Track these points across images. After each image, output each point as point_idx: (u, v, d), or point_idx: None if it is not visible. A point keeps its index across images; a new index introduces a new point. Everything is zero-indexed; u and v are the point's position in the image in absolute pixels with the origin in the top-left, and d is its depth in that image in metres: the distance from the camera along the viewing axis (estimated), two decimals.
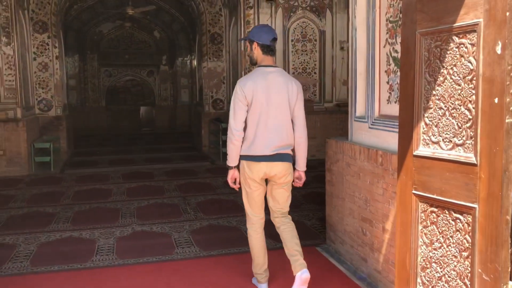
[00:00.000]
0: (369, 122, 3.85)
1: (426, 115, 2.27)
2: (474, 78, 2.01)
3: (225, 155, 3.71)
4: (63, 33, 15.91)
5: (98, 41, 16.88)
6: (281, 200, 3.43)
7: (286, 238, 3.40)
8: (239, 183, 3.43)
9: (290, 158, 3.42)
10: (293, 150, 3.49)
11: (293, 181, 3.51)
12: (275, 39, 3.32)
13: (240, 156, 3.36)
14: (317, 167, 8.95)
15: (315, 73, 9.88)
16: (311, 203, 6.19)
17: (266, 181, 3.42)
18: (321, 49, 9.86)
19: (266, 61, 3.33)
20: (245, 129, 3.29)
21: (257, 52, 3.37)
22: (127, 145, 13.00)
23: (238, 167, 3.42)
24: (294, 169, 3.51)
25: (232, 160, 3.39)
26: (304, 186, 3.67)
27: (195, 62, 16.30)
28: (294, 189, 3.55)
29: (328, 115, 9.83)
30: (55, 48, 10.08)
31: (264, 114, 3.24)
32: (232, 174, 3.43)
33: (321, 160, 9.59)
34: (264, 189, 3.42)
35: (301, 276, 3.24)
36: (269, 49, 3.32)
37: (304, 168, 3.58)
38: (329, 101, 10.00)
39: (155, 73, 17.57)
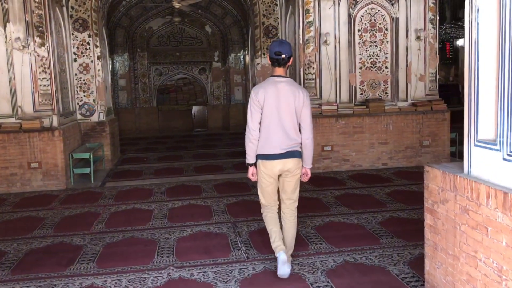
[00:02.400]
0: (504, 150, 2.53)
1: None
2: None
3: None
4: (111, 31, 15.37)
5: (148, 38, 16.16)
6: (289, 190, 3.98)
7: (285, 226, 4.05)
8: (256, 177, 3.97)
9: (299, 154, 3.91)
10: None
11: (301, 176, 4.01)
12: (279, 52, 3.77)
13: (256, 155, 3.90)
14: (391, 180, 7.62)
15: (386, 67, 8.49)
16: (393, 235, 4.89)
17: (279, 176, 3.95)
18: (393, 39, 8.46)
19: (276, 71, 3.88)
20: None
21: (269, 64, 4.26)
22: (177, 149, 12.11)
23: (255, 164, 3.94)
24: (303, 166, 3.98)
25: (251, 158, 3.93)
26: (378, 207, 4.62)
27: (248, 58, 15.24)
28: (370, 216, 4.35)
29: (402, 117, 8.42)
30: (97, 47, 9.27)
31: (275, 118, 3.80)
32: (252, 171, 3.97)
33: (395, 170, 8.30)
34: (277, 184, 3.98)
35: (279, 255, 3.88)
36: (274, 61, 3.85)
37: (310, 166, 4.01)
38: (403, 100, 8.59)
39: (207, 70, 16.65)
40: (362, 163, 8.41)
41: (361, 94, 8.51)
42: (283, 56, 3.80)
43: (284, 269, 3.83)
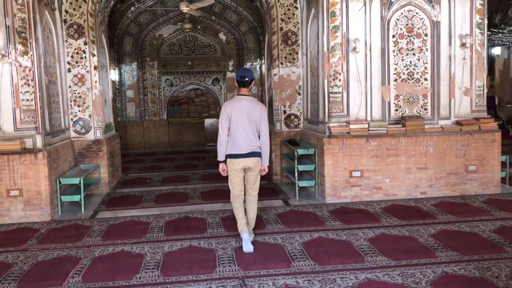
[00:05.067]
0: None
1: None
2: None
3: (302, 189, 7.34)
4: (118, 39, 14.39)
5: (158, 46, 15.15)
6: (251, 182, 5.25)
7: (248, 208, 5.29)
8: (227, 172, 5.20)
9: (259, 154, 5.13)
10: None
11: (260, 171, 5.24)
12: (243, 76, 5.04)
13: (226, 155, 5.11)
14: (434, 215, 6.22)
15: (425, 79, 7.25)
16: None
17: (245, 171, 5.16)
18: (434, 46, 7.22)
19: (241, 91, 5.14)
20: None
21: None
22: (185, 167, 10.97)
23: (225, 161, 5.15)
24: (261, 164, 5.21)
25: (221, 157, 5.15)
26: (426, 256, 4.71)
27: (264, 68, 14.11)
28: (417, 271, 4.23)
29: (444, 137, 7.16)
30: (94, 56, 8.22)
31: (240, 127, 5.02)
32: (221, 167, 5.21)
33: (436, 201, 6.95)
34: (242, 176, 5.20)
35: (243, 236, 5.10)
36: (240, 83, 5.10)
37: (267, 163, 5.25)
38: (445, 117, 7.33)
39: (221, 80, 15.55)
40: (397, 192, 7.15)
41: (396, 110, 7.26)
42: (247, 79, 5.06)
43: (248, 246, 5.03)
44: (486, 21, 7.28)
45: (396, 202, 6.96)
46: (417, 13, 7.16)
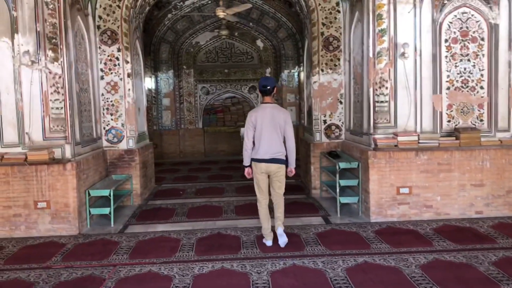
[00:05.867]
0: None
1: None
2: None
3: (343, 205, 6.95)
4: (155, 47, 14.23)
5: (194, 54, 14.91)
6: (276, 187, 5.52)
7: (275, 206, 5.54)
8: (252, 175, 5.54)
9: (282, 160, 5.40)
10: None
11: (287, 173, 5.53)
12: (265, 85, 5.40)
13: (251, 159, 5.45)
14: (493, 238, 5.53)
15: (481, 87, 6.61)
16: None
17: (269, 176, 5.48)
18: (491, 52, 6.59)
19: (265, 99, 5.47)
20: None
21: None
22: (220, 178, 10.59)
23: (250, 165, 5.51)
24: (288, 166, 5.54)
25: (246, 162, 5.51)
26: None
27: (303, 75, 13.64)
28: None
29: (503, 151, 6.49)
30: (127, 63, 7.96)
31: (264, 134, 5.32)
32: (247, 170, 5.58)
33: (494, 222, 6.30)
34: (267, 180, 5.51)
35: (278, 231, 5.46)
36: (262, 92, 5.46)
37: (294, 165, 5.57)
38: (504, 130, 6.66)
39: (257, 88, 15.14)
40: (450, 211, 6.50)
41: (449, 121, 6.64)
42: (269, 87, 5.39)
43: (283, 239, 5.43)
44: None
45: (449, 222, 6.32)
46: (472, 15, 6.54)
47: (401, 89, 6.55)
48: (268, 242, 5.52)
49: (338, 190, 6.86)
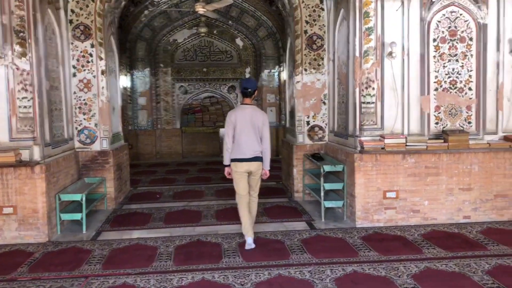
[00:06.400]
0: None
1: None
2: None
3: (327, 210, 6.80)
4: (131, 44, 13.76)
5: (172, 52, 14.50)
6: (253, 184, 5.65)
7: (250, 206, 5.67)
8: (231, 175, 5.60)
9: (261, 159, 5.54)
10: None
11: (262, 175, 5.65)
12: (246, 87, 5.51)
13: (231, 159, 5.51)
14: (483, 244, 5.36)
15: (469, 89, 6.45)
16: None
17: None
18: (480, 52, 6.42)
19: (245, 100, 5.60)
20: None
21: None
22: (199, 180, 10.24)
23: (229, 165, 5.58)
24: (263, 168, 5.62)
25: (226, 161, 5.57)
26: None
27: (284, 75, 13.39)
28: None
29: (492, 155, 6.33)
30: (101, 60, 7.55)
31: (244, 134, 5.44)
32: (227, 170, 5.64)
33: (482, 227, 6.22)
34: (246, 179, 5.57)
35: (248, 241, 5.51)
36: (243, 93, 5.57)
37: (268, 168, 5.62)
38: (492, 132, 6.51)
39: (237, 88, 14.83)
40: (437, 216, 6.32)
41: (437, 123, 6.45)
42: (250, 90, 5.51)
43: (250, 247, 5.42)
44: None
45: (437, 228, 6.12)
46: (461, 14, 6.36)
47: (388, 90, 6.33)
48: (249, 239, 5.50)
49: (322, 194, 6.60)
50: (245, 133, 5.43)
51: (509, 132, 6.47)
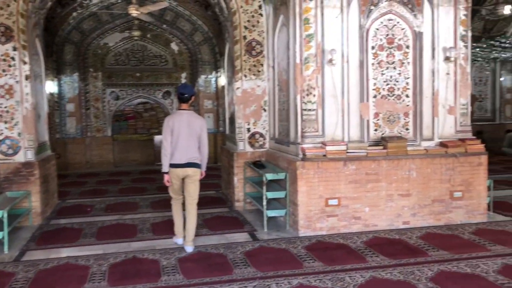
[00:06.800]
0: None
1: None
2: None
3: (270, 219, 6.58)
4: (58, 47, 12.98)
5: (102, 56, 13.84)
6: (191, 191, 5.65)
7: (188, 218, 5.62)
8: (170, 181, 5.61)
9: (198, 165, 5.58)
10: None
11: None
12: (183, 93, 5.57)
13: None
14: (424, 250, 5.14)
15: (407, 96, 6.56)
16: None
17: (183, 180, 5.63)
18: (416, 60, 6.55)
19: (182, 106, 5.63)
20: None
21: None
22: (133, 191, 9.76)
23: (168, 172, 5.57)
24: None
25: (165, 168, 5.53)
26: None
27: (221, 81, 13.18)
28: None
29: (429, 160, 6.45)
30: (25, 64, 6.96)
31: (180, 139, 5.46)
32: (166, 178, 5.59)
33: (421, 232, 6.53)
34: (181, 184, 5.67)
35: (186, 249, 5.58)
36: (180, 99, 5.63)
37: (205, 169, 5.68)
38: (429, 138, 6.65)
39: (173, 94, 14.41)
40: (378, 222, 6.34)
41: (376, 130, 6.49)
42: (186, 95, 5.57)
43: (188, 248, 5.59)
44: (470, 34, 6.68)
45: (378, 234, 6.13)
46: (398, 22, 6.45)
47: (329, 97, 6.29)
48: (179, 241, 5.79)
49: (265, 203, 6.43)
50: (183, 139, 5.47)
51: (444, 138, 6.64)
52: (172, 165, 5.50)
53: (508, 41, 9.13)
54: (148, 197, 9.03)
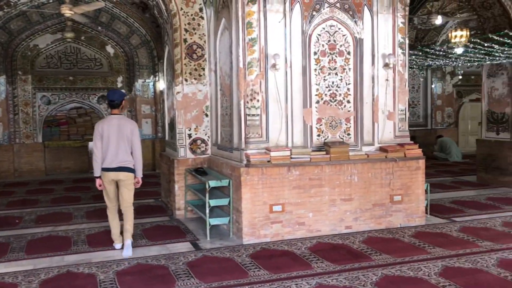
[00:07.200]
0: None
1: None
2: None
3: (212, 227, 6.35)
4: None
5: (32, 58, 13.06)
6: (125, 196, 5.70)
7: (125, 218, 5.71)
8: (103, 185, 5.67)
9: (130, 169, 5.61)
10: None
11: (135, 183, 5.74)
12: (113, 100, 5.69)
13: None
14: (367, 254, 5.10)
15: (348, 101, 6.62)
16: None
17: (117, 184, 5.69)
18: (357, 66, 6.63)
19: (113, 111, 5.72)
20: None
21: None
22: (66, 201, 9.22)
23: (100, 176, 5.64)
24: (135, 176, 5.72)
25: (96, 172, 5.63)
26: None
27: (160, 85, 12.86)
28: None
29: (369, 165, 6.55)
30: None
31: (111, 143, 5.52)
32: (98, 182, 5.67)
33: (364, 236, 6.69)
34: (115, 189, 5.72)
35: (126, 242, 5.63)
36: (109, 105, 5.76)
37: (141, 175, 5.73)
38: (369, 143, 6.74)
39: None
40: (321, 227, 6.34)
41: (319, 135, 6.50)
42: (115, 101, 5.67)
43: (127, 252, 5.56)
44: (407, 41, 6.87)
45: (322, 240, 6.12)
46: (339, 28, 6.51)
47: (273, 102, 6.23)
48: (117, 245, 5.78)
49: (207, 211, 6.24)
50: (113, 143, 5.53)
51: (384, 143, 6.76)
52: (104, 169, 5.58)
53: (442, 49, 9.50)
54: (83, 207, 8.55)
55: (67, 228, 7.03)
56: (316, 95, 6.44)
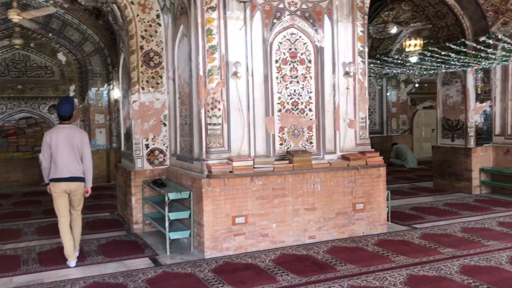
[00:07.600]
0: None
1: None
2: None
3: (172, 241, 6.13)
4: None
5: None
6: (76, 205, 5.70)
7: (73, 227, 5.69)
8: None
9: (81, 178, 5.60)
10: None
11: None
12: (63, 115, 5.67)
13: (50, 179, 5.55)
14: (332, 265, 5.05)
15: (310, 110, 6.56)
16: None
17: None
18: (318, 74, 6.60)
19: (62, 122, 5.69)
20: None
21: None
22: (16, 217, 8.70)
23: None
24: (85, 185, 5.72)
25: (46, 179, 5.64)
26: None
27: (114, 93, 12.46)
28: None
29: (332, 174, 6.50)
30: None
31: (60, 153, 5.46)
32: (49, 187, 5.63)
33: (327, 246, 6.52)
34: (66, 199, 5.59)
35: (70, 264, 5.53)
36: (60, 117, 5.72)
37: (90, 185, 5.74)
38: (331, 152, 6.70)
39: None
40: (285, 238, 6.22)
41: (281, 144, 6.39)
42: (66, 116, 5.67)
43: (71, 263, 5.53)
44: (366, 49, 6.90)
45: (286, 251, 6.00)
46: (300, 36, 6.45)
47: (234, 111, 6.08)
48: (72, 263, 5.55)
49: (167, 224, 6.00)
50: (62, 153, 5.47)
51: (345, 151, 6.73)
52: (55, 180, 5.52)
53: (400, 58, 9.66)
54: (33, 222, 8.08)
55: (16, 246, 6.59)
56: (278, 103, 6.34)
